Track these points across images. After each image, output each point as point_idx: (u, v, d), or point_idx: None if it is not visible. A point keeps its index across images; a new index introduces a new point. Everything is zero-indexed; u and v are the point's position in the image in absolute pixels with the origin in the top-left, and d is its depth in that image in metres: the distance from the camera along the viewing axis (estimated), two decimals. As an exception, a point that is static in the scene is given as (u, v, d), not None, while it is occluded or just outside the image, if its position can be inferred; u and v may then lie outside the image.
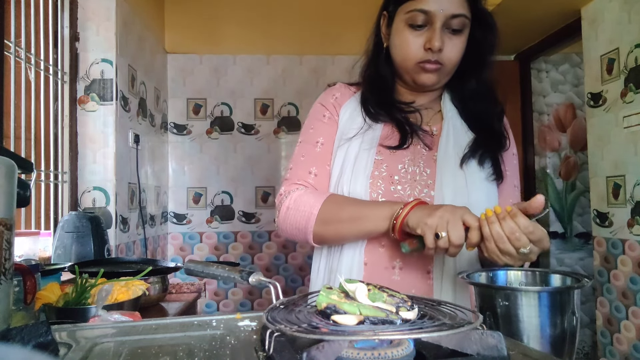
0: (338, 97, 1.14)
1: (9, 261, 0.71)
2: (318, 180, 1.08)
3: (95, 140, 2.23)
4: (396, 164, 1.02)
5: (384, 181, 1.00)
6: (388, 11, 1.07)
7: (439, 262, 0.97)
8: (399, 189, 1.00)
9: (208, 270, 0.81)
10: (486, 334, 0.52)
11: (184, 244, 3.34)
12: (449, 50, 1.00)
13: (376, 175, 1.01)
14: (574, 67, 3.53)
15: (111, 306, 1.07)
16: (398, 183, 1.01)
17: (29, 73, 1.90)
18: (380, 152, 1.03)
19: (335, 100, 1.13)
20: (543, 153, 3.51)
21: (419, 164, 1.03)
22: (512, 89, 3.40)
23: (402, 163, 1.02)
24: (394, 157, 1.03)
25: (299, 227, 1.02)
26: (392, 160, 1.03)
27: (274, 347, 0.52)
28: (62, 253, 1.82)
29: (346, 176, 1.02)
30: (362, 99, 1.11)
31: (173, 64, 3.36)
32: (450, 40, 1.00)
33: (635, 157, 2.26)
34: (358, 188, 1.00)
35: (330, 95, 1.14)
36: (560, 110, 3.54)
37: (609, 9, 2.43)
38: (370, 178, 1.00)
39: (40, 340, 0.55)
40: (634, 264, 2.29)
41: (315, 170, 1.08)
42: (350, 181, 1.01)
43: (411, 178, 1.01)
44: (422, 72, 1.03)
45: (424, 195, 1.00)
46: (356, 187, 1.00)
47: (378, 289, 0.61)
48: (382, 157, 1.03)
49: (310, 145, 1.10)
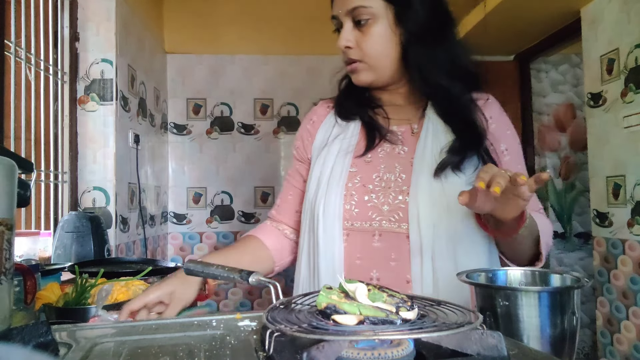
0: (315, 120, 1.14)
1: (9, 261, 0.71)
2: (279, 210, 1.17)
3: (95, 140, 2.23)
4: (371, 173, 1.01)
5: (357, 192, 0.99)
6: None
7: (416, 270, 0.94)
8: (372, 197, 0.98)
9: (208, 270, 0.81)
10: (486, 334, 0.52)
11: (184, 244, 3.34)
12: (363, 45, 0.99)
13: (350, 187, 0.99)
14: (574, 67, 3.53)
15: (111, 306, 1.06)
16: (372, 192, 0.99)
17: (29, 73, 1.90)
18: (354, 164, 1.02)
19: (312, 125, 1.14)
20: (543, 153, 3.52)
21: (395, 169, 1.00)
22: (511, 89, 3.41)
23: (377, 171, 1.00)
24: (369, 167, 1.01)
25: None
26: (367, 170, 1.01)
27: (274, 347, 0.52)
28: (62, 253, 1.82)
29: (322, 190, 1.01)
30: (336, 99, 1.12)
31: (172, 64, 3.36)
32: (362, 35, 0.99)
33: (635, 157, 2.26)
34: (332, 200, 0.99)
35: (308, 120, 1.16)
36: (560, 111, 3.54)
37: (608, 9, 2.43)
38: (344, 189, 0.99)
39: (40, 340, 0.55)
40: (634, 264, 2.29)
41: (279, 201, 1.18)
42: (325, 195, 1.00)
43: (385, 186, 0.99)
44: (350, 73, 1.04)
45: (398, 203, 0.96)
46: (330, 200, 0.99)
47: (378, 289, 0.61)
48: (357, 169, 1.01)
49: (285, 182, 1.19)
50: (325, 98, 1.18)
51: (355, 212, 0.98)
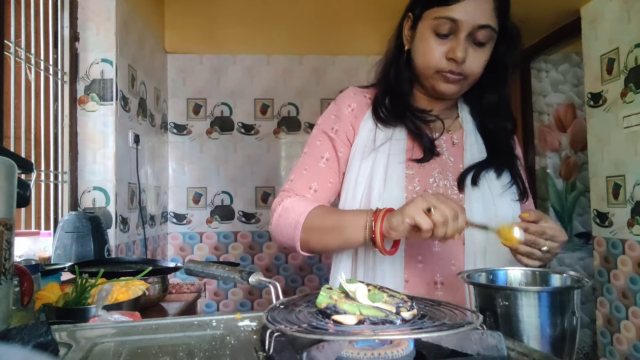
0: (355, 108, 1.09)
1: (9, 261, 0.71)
2: (317, 196, 1.06)
3: (95, 140, 2.23)
4: (427, 177, 1.02)
5: (418, 194, 0.97)
6: (414, 13, 1.03)
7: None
8: None
9: (208, 270, 0.81)
10: (486, 334, 0.52)
11: (184, 244, 3.34)
12: (471, 62, 0.97)
13: (410, 190, 0.99)
14: (574, 67, 3.53)
15: (111, 306, 1.07)
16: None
17: (29, 73, 1.90)
18: (410, 167, 1.02)
19: (351, 113, 1.08)
20: (543, 153, 3.51)
21: (448, 177, 1.03)
22: (512, 89, 3.40)
23: (432, 177, 1.02)
24: (424, 171, 1.02)
25: (287, 234, 1.01)
26: (423, 174, 1.02)
27: (274, 347, 0.52)
28: (62, 253, 1.82)
29: (376, 191, 0.99)
30: (375, 102, 1.08)
31: (173, 64, 3.36)
32: (474, 52, 0.97)
33: (635, 157, 2.26)
34: (393, 201, 0.97)
35: (346, 106, 1.09)
36: (560, 110, 3.54)
37: (608, 8, 2.43)
38: (404, 191, 0.99)
39: (40, 340, 0.55)
40: (634, 264, 2.29)
41: (315, 186, 1.06)
42: (382, 196, 0.98)
43: (443, 192, 1.01)
44: (442, 81, 1.00)
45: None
46: (391, 200, 0.97)
47: (378, 289, 0.61)
48: (413, 172, 1.02)
49: (314, 160, 1.08)
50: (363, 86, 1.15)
51: None
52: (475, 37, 0.96)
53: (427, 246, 0.99)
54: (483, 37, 0.96)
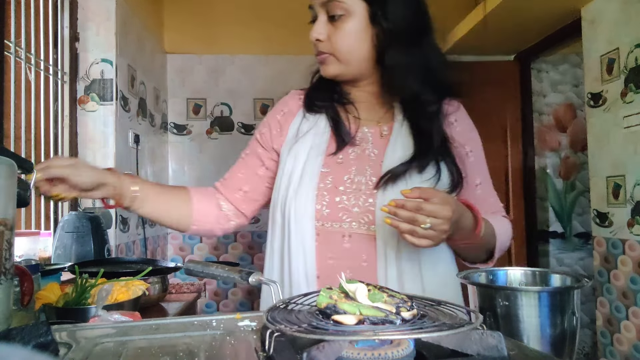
0: (286, 112, 1.13)
1: (9, 261, 0.71)
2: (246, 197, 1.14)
3: (95, 140, 2.23)
4: (342, 174, 1.01)
5: (329, 192, 0.99)
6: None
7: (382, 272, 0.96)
8: (343, 198, 0.99)
9: (208, 270, 0.81)
10: (486, 334, 0.52)
11: (184, 244, 3.34)
12: (334, 39, 0.99)
13: (321, 187, 0.99)
14: (574, 67, 3.53)
15: (111, 306, 1.07)
16: (343, 193, 0.99)
17: (29, 73, 1.90)
18: (326, 164, 1.02)
19: (283, 117, 1.12)
20: (543, 153, 3.51)
21: (366, 172, 1.00)
22: (511, 89, 3.40)
23: (349, 173, 1.01)
24: (340, 168, 1.01)
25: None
26: (338, 170, 1.01)
27: (274, 347, 0.52)
28: (62, 253, 1.82)
29: (292, 189, 1.00)
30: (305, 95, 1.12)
31: (172, 64, 3.36)
32: (335, 29, 0.98)
33: (635, 157, 2.26)
34: (303, 200, 0.99)
35: (278, 111, 1.14)
36: (560, 110, 3.54)
37: (608, 9, 2.43)
38: (316, 189, 0.99)
39: (40, 340, 0.55)
40: (634, 264, 2.29)
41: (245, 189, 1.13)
42: (296, 194, 1.00)
43: (356, 188, 0.99)
44: (319, 64, 1.04)
45: (368, 205, 0.98)
46: (301, 199, 0.99)
47: (378, 289, 0.61)
48: (329, 169, 1.01)
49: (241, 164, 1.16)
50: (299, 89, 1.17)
51: (326, 213, 0.98)
52: (330, 13, 0.98)
53: (338, 242, 0.98)
54: (334, 10, 0.97)
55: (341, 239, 0.98)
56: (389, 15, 0.96)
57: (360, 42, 0.98)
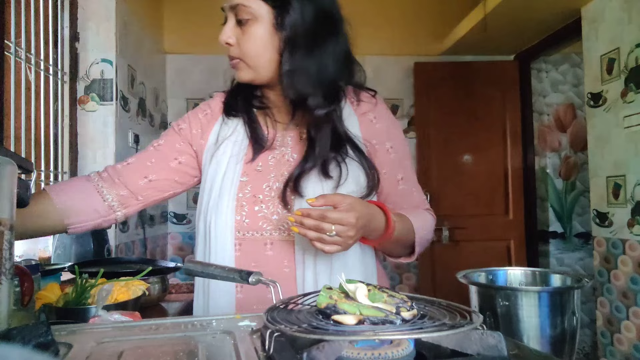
0: (209, 113, 1.11)
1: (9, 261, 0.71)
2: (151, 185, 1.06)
3: (95, 140, 2.23)
4: (261, 183, 1.00)
5: (248, 202, 0.99)
6: None
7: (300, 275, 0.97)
8: (262, 207, 0.99)
9: (207, 270, 0.81)
10: (486, 334, 0.52)
11: (183, 244, 3.34)
12: (242, 44, 0.98)
13: (240, 197, 0.99)
14: (574, 67, 3.53)
15: (111, 306, 1.07)
16: (262, 202, 0.99)
17: (29, 73, 1.90)
18: (245, 173, 1.01)
19: (205, 118, 1.10)
20: (543, 153, 3.51)
21: (284, 178, 1.00)
22: (512, 89, 3.40)
23: (267, 181, 1.00)
24: (259, 176, 1.01)
25: None
26: (257, 179, 1.01)
27: (274, 347, 0.52)
28: (62, 253, 1.82)
29: (213, 199, 1.00)
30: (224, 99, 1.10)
31: (172, 64, 3.36)
32: (243, 33, 0.98)
33: (635, 157, 2.26)
34: (223, 211, 0.99)
35: (202, 111, 1.12)
36: (560, 110, 3.54)
37: (609, 8, 2.43)
38: (235, 200, 0.99)
39: (40, 340, 0.55)
40: (634, 264, 2.29)
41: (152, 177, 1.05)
42: (217, 205, 0.99)
43: (275, 195, 0.99)
44: (232, 69, 1.04)
45: (286, 212, 0.98)
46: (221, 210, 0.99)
47: (378, 289, 0.61)
48: (247, 178, 1.01)
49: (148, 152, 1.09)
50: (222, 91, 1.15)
51: (246, 223, 0.99)
52: (237, 17, 0.98)
53: (261, 250, 0.99)
54: (241, 15, 0.97)
55: (263, 247, 0.99)
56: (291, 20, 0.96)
57: (266, 47, 0.98)
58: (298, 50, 0.97)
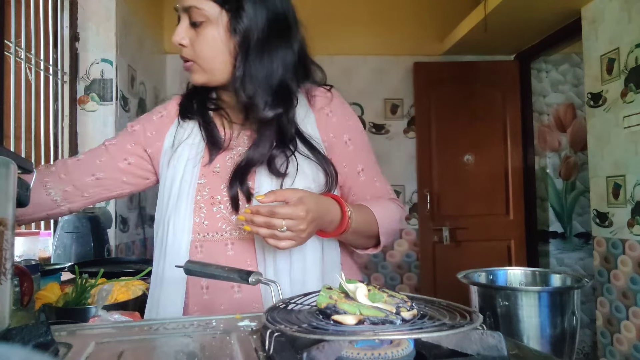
0: (164, 115, 1.09)
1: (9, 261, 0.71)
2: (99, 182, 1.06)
3: (95, 140, 2.23)
4: (219, 184, 1.00)
5: (206, 204, 0.99)
6: None
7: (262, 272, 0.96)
8: (221, 208, 0.99)
9: (207, 270, 0.81)
10: (486, 334, 0.52)
11: (184, 244, 3.34)
12: (195, 46, 0.97)
13: (198, 200, 0.99)
14: (574, 67, 3.53)
15: (111, 306, 1.06)
16: (220, 202, 0.99)
17: (29, 73, 1.90)
18: (203, 175, 1.01)
19: (160, 121, 1.09)
20: (543, 153, 3.51)
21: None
22: (512, 89, 3.41)
23: (225, 181, 1.00)
24: (217, 178, 1.01)
25: None
26: (215, 181, 1.01)
27: (274, 347, 0.52)
28: (62, 253, 1.82)
29: (172, 203, 1.00)
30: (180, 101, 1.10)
31: (172, 64, 3.36)
32: (196, 35, 0.97)
33: (635, 157, 2.26)
34: (181, 214, 0.98)
35: (157, 113, 1.11)
36: (560, 110, 3.54)
37: (609, 8, 2.43)
38: (193, 203, 0.99)
39: (40, 340, 0.55)
40: (634, 264, 2.29)
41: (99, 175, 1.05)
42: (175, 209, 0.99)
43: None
44: (186, 71, 1.02)
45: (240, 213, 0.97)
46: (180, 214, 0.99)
47: (378, 289, 0.61)
48: (205, 180, 1.01)
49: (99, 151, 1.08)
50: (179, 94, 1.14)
51: (205, 225, 0.99)
52: (191, 19, 0.97)
53: (222, 251, 0.99)
54: (194, 17, 0.96)
55: (224, 247, 0.99)
56: (240, 28, 0.96)
57: (220, 50, 0.97)
58: (249, 55, 0.97)
